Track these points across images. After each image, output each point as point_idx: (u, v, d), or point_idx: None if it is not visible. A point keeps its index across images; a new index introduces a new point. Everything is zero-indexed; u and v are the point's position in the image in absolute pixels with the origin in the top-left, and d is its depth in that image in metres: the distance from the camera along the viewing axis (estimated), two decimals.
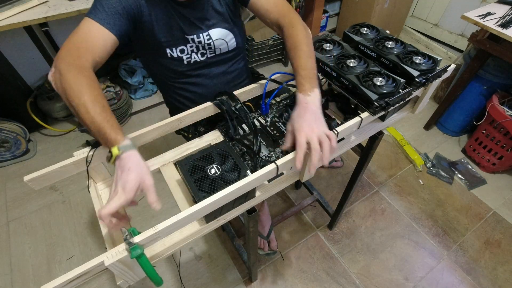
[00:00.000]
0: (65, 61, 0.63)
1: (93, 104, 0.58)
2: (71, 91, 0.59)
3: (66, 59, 0.63)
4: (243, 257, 1.32)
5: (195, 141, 0.81)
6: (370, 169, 1.77)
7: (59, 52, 0.65)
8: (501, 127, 1.56)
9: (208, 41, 0.88)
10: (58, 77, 0.62)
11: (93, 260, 0.49)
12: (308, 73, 0.69)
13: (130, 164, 0.56)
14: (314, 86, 0.68)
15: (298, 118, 0.64)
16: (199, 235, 0.65)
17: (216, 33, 0.89)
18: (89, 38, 0.68)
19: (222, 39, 0.90)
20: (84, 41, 0.68)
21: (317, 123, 0.63)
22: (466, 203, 1.62)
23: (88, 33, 0.69)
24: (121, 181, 0.55)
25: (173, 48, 0.85)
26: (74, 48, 0.66)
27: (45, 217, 1.56)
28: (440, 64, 0.79)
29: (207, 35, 0.87)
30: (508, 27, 1.33)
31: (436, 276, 1.36)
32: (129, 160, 0.56)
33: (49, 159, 1.82)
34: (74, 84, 0.60)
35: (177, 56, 0.87)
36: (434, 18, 2.51)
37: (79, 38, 0.68)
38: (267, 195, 0.72)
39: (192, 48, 0.87)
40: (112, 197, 0.54)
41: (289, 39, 0.77)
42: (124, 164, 0.56)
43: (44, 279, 1.36)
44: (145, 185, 0.56)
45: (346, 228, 1.52)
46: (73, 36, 0.68)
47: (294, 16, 0.81)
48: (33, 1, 1.31)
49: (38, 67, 1.88)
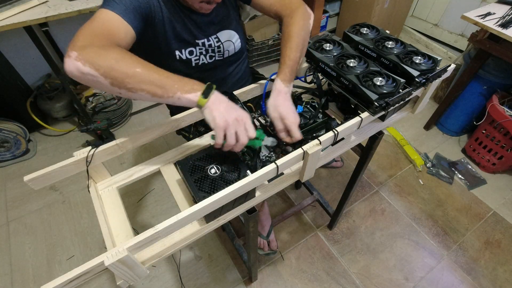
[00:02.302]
0: (88, 43, 0.56)
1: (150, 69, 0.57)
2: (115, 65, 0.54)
3: (88, 42, 0.56)
4: (243, 257, 1.32)
5: (195, 141, 0.81)
6: (370, 169, 1.77)
7: (75, 40, 0.57)
8: (501, 127, 1.56)
9: (217, 43, 0.88)
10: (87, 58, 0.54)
11: (93, 260, 0.49)
12: (293, 65, 0.76)
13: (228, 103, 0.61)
14: (293, 79, 0.77)
15: (283, 106, 0.72)
16: (199, 235, 0.65)
17: (225, 35, 0.89)
18: (110, 27, 0.62)
19: (229, 41, 0.91)
20: (105, 29, 0.61)
21: (293, 111, 0.73)
22: (466, 203, 1.62)
23: (108, 22, 0.62)
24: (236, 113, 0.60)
25: (182, 50, 0.85)
26: (93, 34, 0.59)
27: (45, 217, 1.56)
28: (440, 64, 0.79)
29: (216, 38, 0.87)
30: (508, 27, 1.33)
31: (436, 276, 1.36)
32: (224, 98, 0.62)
33: (49, 159, 1.82)
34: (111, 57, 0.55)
35: (185, 58, 0.86)
36: (434, 18, 2.51)
37: (98, 26, 0.61)
38: (267, 195, 0.72)
39: (202, 51, 0.87)
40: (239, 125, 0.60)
41: (285, 29, 0.81)
42: (223, 100, 0.60)
43: (44, 279, 1.36)
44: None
45: (346, 228, 1.52)
46: (89, 23, 0.61)
47: (296, 6, 0.83)
48: (33, 1, 1.31)
49: (38, 67, 1.88)
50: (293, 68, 0.76)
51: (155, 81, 0.56)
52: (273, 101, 0.73)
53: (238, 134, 0.60)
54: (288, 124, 0.70)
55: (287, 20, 0.81)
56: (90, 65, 0.54)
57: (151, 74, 0.56)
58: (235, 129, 0.59)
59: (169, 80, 0.57)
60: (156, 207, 1.60)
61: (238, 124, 0.60)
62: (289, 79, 0.75)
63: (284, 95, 0.73)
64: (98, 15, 0.63)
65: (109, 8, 0.64)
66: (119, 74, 0.55)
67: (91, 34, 0.59)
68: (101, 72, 0.54)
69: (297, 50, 0.77)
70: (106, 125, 1.79)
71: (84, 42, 0.56)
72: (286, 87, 0.74)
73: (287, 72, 0.75)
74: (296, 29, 0.78)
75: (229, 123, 0.58)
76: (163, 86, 0.56)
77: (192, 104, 0.59)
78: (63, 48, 1.91)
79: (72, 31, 1.97)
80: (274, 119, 0.72)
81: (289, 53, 0.76)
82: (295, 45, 0.77)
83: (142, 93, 0.57)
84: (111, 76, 0.54)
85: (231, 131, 0.59)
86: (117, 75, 0.55)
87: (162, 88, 0.56)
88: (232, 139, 0.59)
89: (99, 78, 0.55)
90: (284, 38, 0.79)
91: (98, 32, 0.60)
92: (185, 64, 0.87)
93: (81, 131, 1.81)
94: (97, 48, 0.56)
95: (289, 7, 0.83)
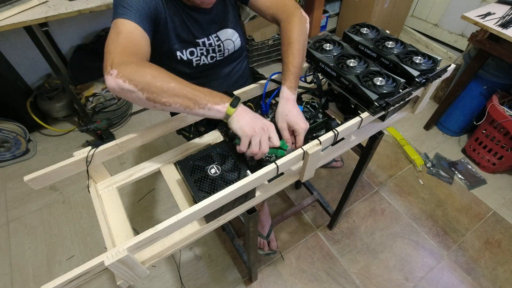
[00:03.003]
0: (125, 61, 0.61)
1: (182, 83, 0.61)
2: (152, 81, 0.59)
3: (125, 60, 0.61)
4: (243, 257, 1.32)
5: (195, 141, 0.81)
6: (370, 169, 1.77)
7: (112, 57, 0.61)
8: (501, 127, 1.56)
9: (217, 42, 0.88)
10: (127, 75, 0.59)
11: (93, 260, 0.49)
12: (297, 72, 0.76)
13: (253, 113, 0.65)
14: (297, 85, 0.77)
15: (293, 113, 0.72)
16: (199, 235, 0.65)
17: (225, 34, 0.89)
18: (135, 40, 0.66)
19: (229, 39, 0.91)
20: (132, 44, 0.65)
21: (302, 117, 0.73)
22: (466, 203, 1.62)
23: (131, 34, 0.66)
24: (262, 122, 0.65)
25: (183, 50, 0.85)
26: (126, 52, 0.63)
27: (45, 217, 1.56)
28: (440, 64, 0.79)
29: (216, 37, 0.88)
30: (508, 27, 1.33)
31: (436, 276, 1.36)
32: (248, 109, 0.66)
33: (49, 159, 1.82)
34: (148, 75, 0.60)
35: (186, 58, 0.86)
36: (434, 18, 2.51)
37: (126, 41, 0.65)
38: (267, 195, 0.72)
39: (202, 51, 0.87)
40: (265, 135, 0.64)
41: (284, 34, 0.81)
42: (248, 111, 0.65)
43: (44, 279, 1.36)
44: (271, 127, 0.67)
45: (346, 228, 1.52)
46: (117, 39, 0.64)
47: (292, 11, 0.83)
48: (33, 1, 1.31)
49: (38, 67, 1.88)
50: (297, 74, 0.76)
51: (187, 95, 0.61)
52: (281, 109, 0.73)
53: (261, 142, 0.63)
54: (297, 129, 0.70)
55: (285, 26, 0.82)
56: (130, 81, 0.59)
57: (184, 88, 0.61)
58: (260, 137, 0.63)
59: (200, 93, 0.62)
60: (156, 207, 1.60)
61: (264, 134, 0.64)
62: (295, 86, 0.76)
63: (292, 102, 0.74)
64: (120, 28, 0.66)
65: (126, 17, 0.66)
66: (155, 89, 0.59)
67: (124, 50, 0.63)
68: (139, 87, 0.59)
69: (299, 55, 0.77)
70: (106, 125, 1.79)
71: (121, 60, 0.61)
72: (293, 95, 0.75)
73: (292, 80, 0.75)
74: (295, 34, 0.79)
75: (256, 132, 0.63)
76: (195, 99, 0.61)
77: (221, 114, 0.63)
78: (63, 48, 1.91)
79: (72, 31, 1.98)
80: (281, 129, 0.72)
81: (292, 60, 0.76)
82: (297, 51, 0.77)
83: (176, 105, 0.61)
84: (148, 91, 0.59)
85: (256, 140, 0.63)
86: (154, 90, 0.59)
87: (193, 101, 0.61)
88: (257, 147, 0.63)
89: (137, 94, 0.60)
90: (285, 44, 0.79)
91: (128, 48, 0.64)
92: (186, 64, 0.87)
93: (81, 131, 1.81)
94: (134, 65, 0.60)
95: (285, 10, 0.84)
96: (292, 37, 0.79)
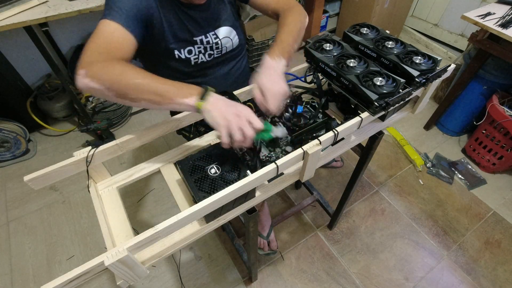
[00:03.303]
0: (94, 60, 0.61)
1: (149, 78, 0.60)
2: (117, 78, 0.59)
3: (94, 59, 0.61)
4: (243, 257, 1.32)
5: (195, 141, 0.81)
6: (370, 169, 1.77)
7: (83, 57, 0.62)
8: (501, 127, 1.56)
9: (215, 40, 0.88)
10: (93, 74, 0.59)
11: (93, 260, 0.49)
12: (283, 45, 0.74)
13: (226, 101, 0.61)
14: (283, 56, 0.72)
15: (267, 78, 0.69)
16: (199, 235, 0.65)
17: (222, 31, 0.89)
18: (113, 40, 0.65)
19: (227, 37, 0.91)
20: (108, 43, 0.64)
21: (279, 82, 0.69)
22: (466, 203, 1.62)
23: (111, 35, 0.65)
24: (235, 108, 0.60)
25: (181, 49, 0.85)
26: (98, 52, 0.63)
27: (45, 217, 1.56)
28: (440, 64, 0.79)
29: (214, 35, 0.88)
30: (508, 27, 1.33)
31: (436, 276, 1.36)
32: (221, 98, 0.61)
33: (49, 159, 1.82)
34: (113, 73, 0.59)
35: (185, 57, 0.86)
36: (434, 18, 2.51)
37: (102, 41, 0.64)
38: (267, 195, 0.72)
39: (200, 49, 0.87)
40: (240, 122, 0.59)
41: (280, 20, 0.82)
42: (220, 99, 0.60)
43: (44, 279, 1.36)
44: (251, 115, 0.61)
45: (346, 228, 1.52)
46: (94, 39, 0.64)
47: (293, 5, 0.85)
48: (33, 1, 1.31)
49: (38, 67, 1.88)
50: (284, 47, 0.73)
51: (154, 90, 0.59)
52: (256, 75, 0.70)
53: (243, 128, 0.58)
54: (266, 93, 0.67)
55: (283, 14, 0.83)
56: (96, 80, 0.59)
57: (150, 83, 0.60)
58: (238, 125, 0.58)
59: (168, 87, 0.60)
60: (156, 207, 1.60)
61: (240, 119, 0.59)
62: (277, 54, 0.71)
63: (272, 70, 0.69)
64: (101, 28, 0.66)
65: (110, 18, 0.66)
66: (121, 86, 0.59)
67: (96, 50, 0.63)
68: (106, 86, 0.59)
69: (290, 34, 0.76)
70: (106, 125, 1.79)
71: (91, 59, 0.61)
72: (274, 61, 0.70)
73: (276, 50, 0.72)
74: (291, 19, 0.80)
75: (229, 120, 0.58)
76: (161, 94, 0.59)
77: (191, 108, 0.60)
78: (63, 48, 1.91)
79: (72, 31, 1.98)
80: (253, 89, 0.69)
81: (282, 37, 0.76)
82: (288, 30, 0.77)
83: (144, 102, 0.60)
84: (115, 89, 0.59)
85: (234, 128, 0.58)
86: (120, 87, 0.59)
87: (161, 96, 0.59)
88: (238, 135, 0.58)
89: (105, 92, 0.60)
90: (279, 27, 0.80)
91: (102, 47, 0.64)
92: (184, 63, 0.87)
93: (81, 131, 1.81)
94: (101, 64, 0.60)
95: (287, 4, 0.86)
96: (288, 20, 0.80)
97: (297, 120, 0.79)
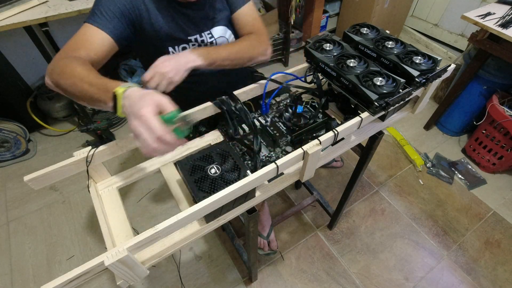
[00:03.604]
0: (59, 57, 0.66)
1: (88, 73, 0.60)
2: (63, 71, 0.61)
3: (57, 58, 0.66)
4: (243, 257, 1.32)
5: (195, 141, 0.81)
6: (370, 169, 1.77)
7: (54, 57, 0.67)
8: (501, 127, 1.56)
9: (210, 39, 0.88)
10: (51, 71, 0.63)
11: (93, 260, 0.49)
12: (211, 51, 0.77)
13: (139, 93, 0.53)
14: (201, 55, 0.74)
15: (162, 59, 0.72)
16: (199, 235, 0.65)
17: (218, 31, 0.89)
18: (85, 39, 0.70)
19: (223, 37, 0.91)
20: (79, 42, 0.69)
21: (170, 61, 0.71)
22: (466, 203, 1.62)
23: (84, 35, 0.70)
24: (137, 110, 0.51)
25: (175, 46, 0.85)
26: (68, 49, 0.68)
27: (45, 217, 1.56)
28: (440, 64, 0.79)
29: (209, 34, 0.88)
30: (508, 27, 1.33)
31: (436, 276, 1.36)
32: (137, 91, 0.53)
33: (49, 159, 1.82)
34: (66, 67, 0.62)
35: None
36: (434, 18, 2.51)
37: (75, 41, 0.70)
38: (267, 195, 0.72)
39: (195, 47, 0.88)
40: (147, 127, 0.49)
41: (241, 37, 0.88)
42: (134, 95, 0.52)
43: (44, 279, 1.36)
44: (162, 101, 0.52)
45: (346, 228, 1.52)
46: (69, 41, 0.70)
47: (260, 33, 0.91)
48: (33, 1, 1.31)
49: (38, 67, 1.88)
50: (210, 52, 0.76)
51: (86, 91, 0.60)
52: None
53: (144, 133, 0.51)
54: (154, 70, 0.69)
55: (248, 35, 0.89)
56: (50, 79, 0.64)
57: (82, 83, 0.60)
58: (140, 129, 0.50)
59: (94, 88, 0.58)
60: (156, 207, 1.60)
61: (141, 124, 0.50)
62: (199, 52, 0.74)
63: (175, 55, 0.72)
64: (79, 31, 0.71)
65: (89, 21, 0.71)
66: (63, 86, 0.62)
67: (65, 52, 0.67)
68: (55, 84, 0.64)
69: (227, 49, 0.80)
70: (106, 125, 1.79)
71: (55, 58, 0.66)
72: (186, 51, 0.74)
73: (201, 49, 0.77)
74: (246, 41, 0.86)
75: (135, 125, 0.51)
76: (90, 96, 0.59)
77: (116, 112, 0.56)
78: None
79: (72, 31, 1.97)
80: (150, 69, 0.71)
81: (219, 46, 0.82)
82: (231, 46, 0.82)
83: (83, 101, 0.62)
84: (59, 86, 0.63)
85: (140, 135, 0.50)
86: (63, 87, 0.62)
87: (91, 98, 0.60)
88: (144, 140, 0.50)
89: (57, 89, 0.65)
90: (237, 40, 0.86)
91: (71, 47, 0.68)
92: None
93: (81, 131, 1.81)
94: (56, 62, 0.64)
95: (258, 29, 0.91)
96: (242, 39, 0.86)
97: (297, 120, 0.79)
